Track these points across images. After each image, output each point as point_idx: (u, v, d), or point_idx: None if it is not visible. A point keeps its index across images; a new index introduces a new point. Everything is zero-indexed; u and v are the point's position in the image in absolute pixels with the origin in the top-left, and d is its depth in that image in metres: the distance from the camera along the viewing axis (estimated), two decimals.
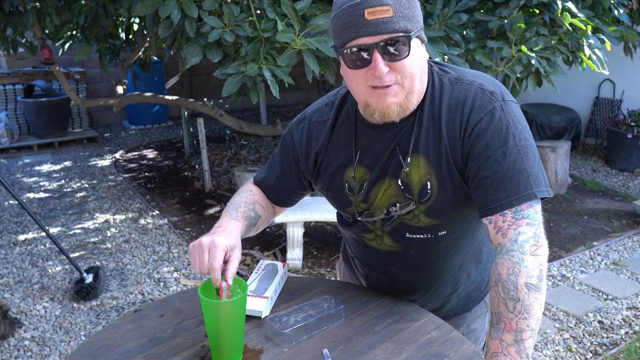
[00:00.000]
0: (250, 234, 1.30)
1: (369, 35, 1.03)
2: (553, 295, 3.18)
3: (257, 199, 1.34)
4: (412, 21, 1.05)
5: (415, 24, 1.06)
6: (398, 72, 1.06)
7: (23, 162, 6.00)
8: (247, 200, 1.31)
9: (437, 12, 2.90)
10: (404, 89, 1.09)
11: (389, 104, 1.09)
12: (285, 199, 1.38)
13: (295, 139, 1.30)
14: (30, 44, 4.45)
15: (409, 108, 1.13)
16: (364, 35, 1.03)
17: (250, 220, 1.28)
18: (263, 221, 1.34)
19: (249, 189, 1.37)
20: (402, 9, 1.03)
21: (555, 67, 2.96)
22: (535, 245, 1.04)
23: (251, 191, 1.36)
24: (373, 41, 1.03)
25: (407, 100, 1.11)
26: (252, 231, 1.30)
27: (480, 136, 1.08)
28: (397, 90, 1.08)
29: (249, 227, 1.27)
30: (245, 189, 1.37)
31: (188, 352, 1.16)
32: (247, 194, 1.34)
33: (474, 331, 1.45)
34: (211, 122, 6.83)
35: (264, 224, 1.35)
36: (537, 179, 1.07)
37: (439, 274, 1.30)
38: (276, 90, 2.67)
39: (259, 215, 1.32)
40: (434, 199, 1.16)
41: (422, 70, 1.11)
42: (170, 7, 2.74)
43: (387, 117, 1.12)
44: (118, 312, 3.07)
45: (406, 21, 1.04)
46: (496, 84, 1.14)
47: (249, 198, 1.32)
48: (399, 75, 1.07)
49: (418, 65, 1.09)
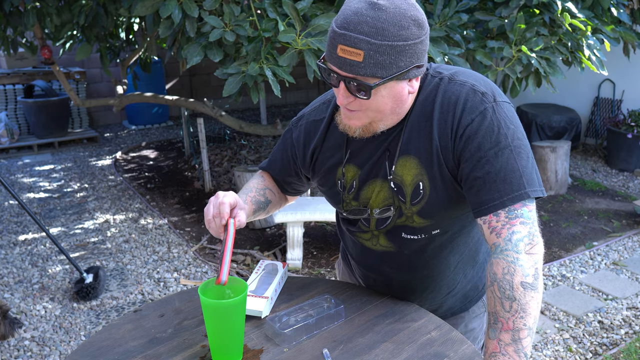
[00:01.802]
0: (259, 217, 1.38)
1: (337, 67, 1.04)
2: (553, 295, 3.18)
3: (268, 184, 1.40)
4: (385, 68, 1.01)
5: (390, 70, 1.02)
6: (362, 105, 1.08)
7: (23, 162, 6.00)
8: (259, 186, 1.37)
9: (437, 12, 2.90)
10: (368, 117, 1.11)
11: (350, 125, 1.14)
12: (290, 190, 1.44)
13: (294, 136, 1.34)
14: (30, 44, 4.45)
15: (375, 131, 1.14)
16: (334, 64, 1.04)
17: (259, 204, 1.33)
18: (274, 206, 1.41)
19: (259, 175, 1.43)
20: (376, 56, 1.00)
21: (554, 68, 2.96)
22: (530, 244, 1.04)
23: (262, 177, 1.42)
24: (340, 73, 1.04)
25: (371, 125, 1.13)
26: (261, 214, 1.37)
27: (472, 137, 1.08)
28: (360, 116, 1.11)
29: (257, 211, 1.33)
30: (256, 175, 1.44)
31: (188, 352, 1.16)
32: (259, 179, 1.41)
33: (472, 331, 1.46)
34: (211, 122, 6.83)
35: (274, 208, 1.42)
36: (530, 178, 1.07)
37: (435, 273, 1.31)
38: (277, 89, 2.67)
39: (269, 200, 1.38)
40: (427, 200, 1.16)
41: (399, 104, 1.11)
42: (170, 7, 2.74)
43: (349, 134, 1.17)
44: (118, 312, 3.07)
45: (377, 68, 1.01)
46: (489, 84, 1.13)
47: (260, 184, 1.39)
48: (363, 107, 1.08)
49: (388, 104, 1.08)
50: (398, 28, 0.99)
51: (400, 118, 1.15)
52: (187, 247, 3.84)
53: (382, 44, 0.99)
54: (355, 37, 0.99)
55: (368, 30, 0.99)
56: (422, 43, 1.04)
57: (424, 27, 1.04)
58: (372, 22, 0.99)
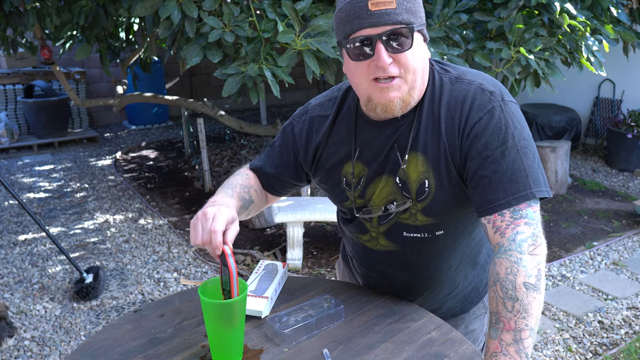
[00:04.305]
0: (240, 218, 1.29)
1: (372, 27, 1.03)
2: (553, 295, 3.18)
3: (252, 183, 1.34)
4: (414, 15, 1.06)
5: (418, 19, 1.07)
6: (401, 65, 1.07)
7: (23, 162, 6.00)
8: (243, 183, 1.32)
9: (437, 12, 2.90)
10: (407, 83, 1.09)
11: (391, 98, 1.09)
12: (278, 189, 1.38)
13: (296, 130, 1.31)
14: (30, 44, 4.45)
15: (410, 103, 1.13)
16: (368, 26, 1.04)
17: (244, 202, 1.28)
18: (255, 207, 1.34)
19: (244, 173, 1.36)
20: (405, 2, 1.04)
21: (553, 69, 2.96)
22: (534, 244, 1.04)
23: (247, 175, 1.36)
24: (376, 32, 1.04)
25: (409, 95, 1.11)
26: (242, 214, 1.29)
27: (479, 136, 1.08)
28: (400, 84, 1.08)
29: (242, 209, 1.27)
30: (241, 172, 1.37)
31: (188, 352, 1.16)
32: (243, 177, 1.34)
33: (472, 332, 1.45)
34: (211, 122, 6.83)
35: (255, 209, 1.35)
36: (536, 178, 1.07)
37: (436, 274, 1.31)
38: (277, 90, 2.67)
39: (252, 200, 1.31)
40: (432, 197, 1.16)
41: (424, 67, 1.12)
42: (170, 8, 2.74)
43: (389, 112, 1.12)
44: (118, 312, 3.08)
45: (409, 14, 1.05)
46: (496, 83, 1.14)
47: (244, 181, 1.33)
48: (402, 68, 1.07)
49: (420, 60, 1.09)
50: None
51: (420, 96, 1.14)
52: (187, 247, 3.84)
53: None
54: None
55: None
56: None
57: None
58: None
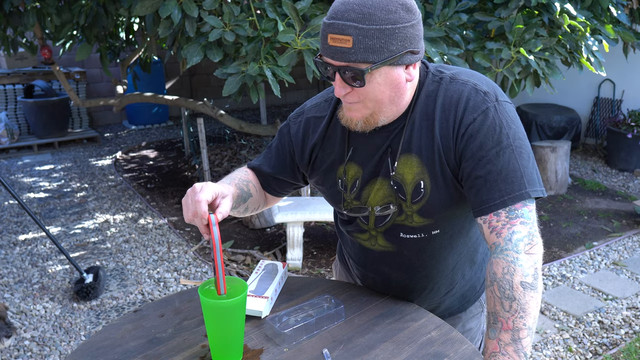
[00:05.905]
0: (238, 210, 1.28)
1: (330, 58, 1.05)
2: (553, 295, 3.18)
3: (251, 179, 1.34)
4: (376, 52, 1.02)
5: (382, 54, 1.02)
6: (359, 95, 1.08)
7: (23, 162, 6.00)
8: (242, 177, 1.32)
9: (437, 12, 2.90)
10: (368, 108, 1.11)
11: (351, 117, 1.13)
12: (277, 188, 1.38)
13: (292, 131, 1.31)
14: (30, 44, 4.45)
15: (377, 123, 1.14)
16: (327, 56, 1.06)
17: (242, 191, 1.27)
18: (253, 202, 1.33)
19: (243, 170, 1.37)
20: (365, 40, 1.01)
21: (553, 69, 2.96)
22: (530, 244, 1.04)
23: (246, 172, 1.36)
24: (333, 64, 1.06)
25: (372, 117, 1.12)
26: (241, 207, 1.28)
27: (474, 136, 1.09)
28: (359, 108, 1.11)
29: (240, 199, 1.26)
30: (240, 169, 1.37)
31: (188, 352, 1.16)
32: (242, 172, 1.35)
33: (469, 331, 1.46)
34: (211, 122, 6.83)
35: (253, 205, 1.34)
36: (531, 178, 1.07)
37: (434, 273, 1.31)
38: (277, 89, 2.67)
39: (251, 193, 1.31)
40: (427, 198, 1.16)
41: (392, 94, 1.10)
42: (170, 7, 2.74)
43: (351, 127, 1.16)
44: (118, 312, 3.07)
45: (368, 53, 1.02)
46: (490, 84, 1.14)
47: (244, 176, 1.33)
48: (361, 97, 1.08)
49: (385, 92, 1.08)
50: (385, 12, 1.01)
51: (400, 111, 1.14)
52: (187, 247, 3.84)
53: (370, 28, 1.00)
54: (343, 24, 1.01)
55: (355, 17, 1.01)
56: (413, 27, 1.04)
57: (414, 11, 1.05)
58: (359, 8, 1.01)
